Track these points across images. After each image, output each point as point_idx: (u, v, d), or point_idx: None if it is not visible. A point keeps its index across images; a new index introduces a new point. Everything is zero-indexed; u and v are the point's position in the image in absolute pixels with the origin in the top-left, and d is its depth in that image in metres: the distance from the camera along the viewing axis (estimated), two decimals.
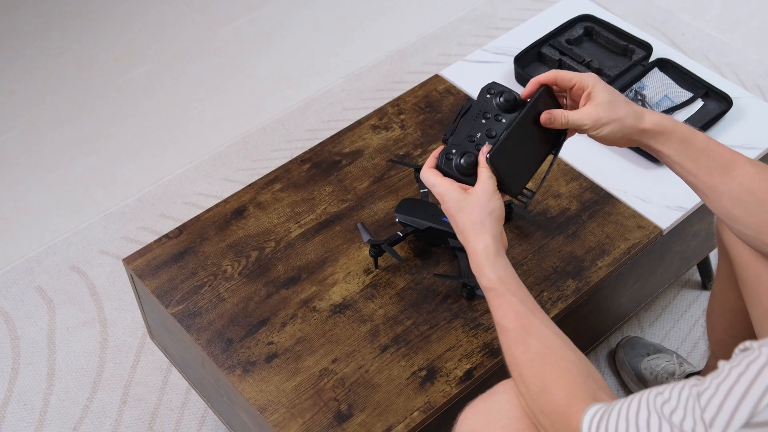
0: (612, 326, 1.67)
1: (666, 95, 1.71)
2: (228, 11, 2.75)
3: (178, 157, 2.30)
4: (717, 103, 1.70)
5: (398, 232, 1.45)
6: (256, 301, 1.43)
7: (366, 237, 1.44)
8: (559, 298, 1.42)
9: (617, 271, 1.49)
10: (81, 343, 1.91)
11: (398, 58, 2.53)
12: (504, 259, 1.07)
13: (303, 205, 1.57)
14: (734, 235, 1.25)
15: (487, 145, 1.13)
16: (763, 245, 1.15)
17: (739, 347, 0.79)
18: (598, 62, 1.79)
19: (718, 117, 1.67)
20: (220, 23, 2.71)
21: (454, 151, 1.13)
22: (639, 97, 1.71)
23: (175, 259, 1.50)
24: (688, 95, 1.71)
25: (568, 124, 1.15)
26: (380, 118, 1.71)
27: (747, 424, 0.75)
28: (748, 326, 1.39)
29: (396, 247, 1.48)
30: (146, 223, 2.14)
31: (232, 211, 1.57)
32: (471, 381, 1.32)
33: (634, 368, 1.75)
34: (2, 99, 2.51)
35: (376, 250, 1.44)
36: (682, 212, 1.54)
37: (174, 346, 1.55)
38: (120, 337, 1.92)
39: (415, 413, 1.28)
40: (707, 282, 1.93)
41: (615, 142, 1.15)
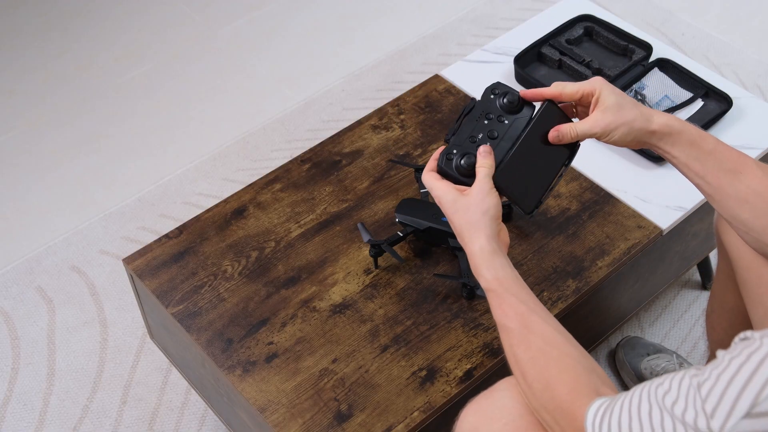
0: (612, 326, 1.67)
1: (666, 95, 1.71)
2: (228, 11, 2.75)
3: (178, 157, 2.30)
4: (717, 103, 1.70)
5: (398, 232, 1.45)
6: (256, 301, 1.43)
7: (366, 237, 1.44)
8: (559, 298, 1.42)
9: (617, 271, 1.48)
10: (81, 343, 1.91)
11: (398, 58, 2.53)
12: (502, 259, 1.07)
13: (303, 205, 1.57)
14: (737, 236, 1.25)
15: (485, 145, 1.12)
16: (767, 247, 1.15)
17: (739, 336, 0.79)
18: (598, 62, 1.79)
19: (718, 117, 1.67)
20: (220, 23, 2.71)
21: (455, 152, 1.13)
22: (639, 97, 1.71)
23: (175, 259, 1.50)
24: (688, 95, 1.71)
25: (578, 137, 1.14)
26: (380, 118, 1.71)
27: (748, 415, 0.76)
28: (748, 326, 1.39)
29: (396, 247, 1.48)
30: (146, 223, 2.14)
31: (232, 211, 1.56)
32: (471, 381, 1.32)
33: (634, 368, 1.75)
34: (2, 99, 2.51)
35: (376, 250, 1.44)
36: (682, 212, 1.54)
37: (174, 346, 1.55)
38: (120, 337, 1.92)
39: (415, 413, 1.28)
40: (707, 282, 1.93)
41: (625, 144, 1.15)
